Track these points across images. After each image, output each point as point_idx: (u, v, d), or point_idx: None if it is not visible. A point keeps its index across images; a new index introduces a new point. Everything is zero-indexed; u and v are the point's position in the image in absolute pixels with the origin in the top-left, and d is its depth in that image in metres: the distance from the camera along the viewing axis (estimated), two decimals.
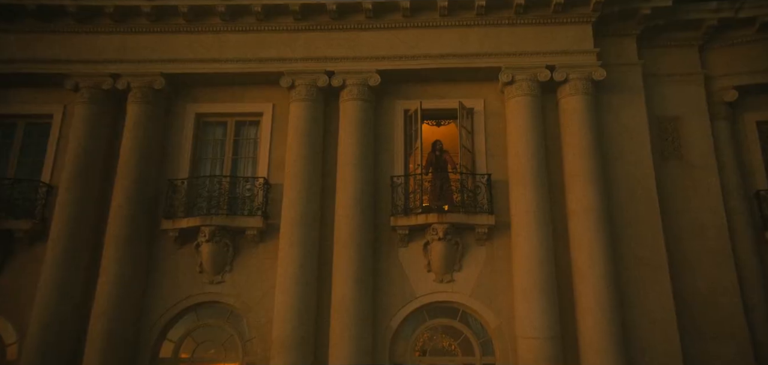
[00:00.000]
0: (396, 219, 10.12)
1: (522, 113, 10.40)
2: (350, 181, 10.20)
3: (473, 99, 10.99)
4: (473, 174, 10.41)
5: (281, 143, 10.87)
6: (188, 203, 10.44)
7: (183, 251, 10.34)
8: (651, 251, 9.81)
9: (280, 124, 11.05)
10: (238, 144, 11.30)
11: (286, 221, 10.08)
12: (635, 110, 10.55)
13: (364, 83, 10.74)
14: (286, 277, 9.74)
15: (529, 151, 10.14)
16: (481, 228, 10.03)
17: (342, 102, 10.86)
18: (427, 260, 10.13)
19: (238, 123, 11.36)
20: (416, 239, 10.22)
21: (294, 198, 10.16)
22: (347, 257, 9.80)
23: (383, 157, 10.75)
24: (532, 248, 9.63)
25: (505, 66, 10.59)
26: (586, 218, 9.67)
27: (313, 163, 10.44)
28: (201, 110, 11.28)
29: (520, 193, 10.02)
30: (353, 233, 9.90)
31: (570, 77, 10.44)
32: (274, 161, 10.82)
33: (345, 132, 10.58)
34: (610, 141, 10.44)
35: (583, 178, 9.91)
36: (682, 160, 10.63)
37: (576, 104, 10.34)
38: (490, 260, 10.11)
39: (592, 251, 9.48)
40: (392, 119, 11.01)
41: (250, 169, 11.09)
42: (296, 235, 9.94)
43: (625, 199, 10.10)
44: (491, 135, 10.79)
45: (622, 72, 10.77)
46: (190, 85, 11.29)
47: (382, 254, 10.21)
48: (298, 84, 10.82)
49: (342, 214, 10.08)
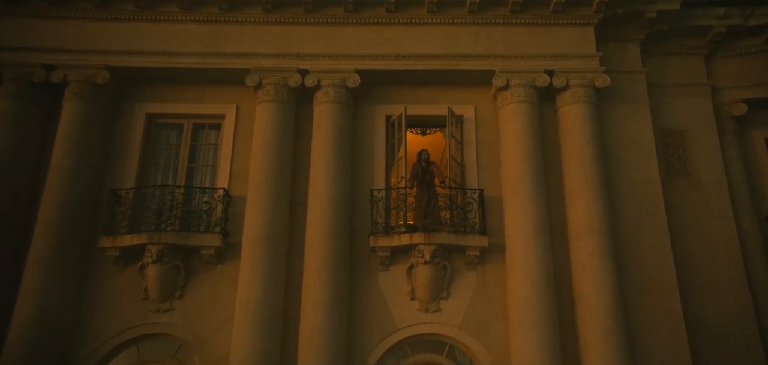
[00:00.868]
0: (376, 239, 8.87)
1: (518, 121, 9.34)
2: (324, 195, 8.93)
3: (463, 106, 9.89)
4: (464, 189, 9.26)
5: (245, 150, 9.52)
6: (133, 218, 8.94)
7: (125, 274, 8.80)
8: (660, 277, 8.79)
9: (244, 128, 9.73)
10: (195, 150, 9.91)
11: (249, 239, 8.72)
12: (640, 122, 9.60)
13: (341, 84, 9.51)
14: (247, 305, 8.35)
15: (526, 164, 9.06)
16: (472, 250, 8.87)
17: (316, 105, 9.60)
18: (411, 286, 8.89)
19: (195, 126, 9.96)
20: (399, 261, 8.98)
21: (258, 213, 8.82)
22: (319, 282, 8.49)
23: (362, 168, 9.52)
24: (530, 273, 8.51)
25: (500, 69, 9.53)
26: (591, 241, 8.60)
27: (281, 173, 9.13)
28: (153, 110, 9.85)
29: (515, 211, 8.91)
30: (326, 254, 8.62)
31: (571, 84, 9.44)
32: (237, 170, 9.48)
33: (319, 139, 9.31)
34: (613, 155, 9.46)
35: (586, 196, 8.86)
36: (689, 178, 9.72)
37: (577, 113, 9.33)
38: (482, 287, 8.93)
39: (598, 279, 8.39)
40: (373, 126, 9.82)
41: (208, 179, 9.70)
42: (260, 256, 8.59)
43: (631, 220, 9.08)
44: (483, 146, 9.69)
45: (626, 80, 9.84)
46: (141, 81, 9.85)
47: (359, 279, 8.95)
48: (266, 83, 9.51)
49: (314, 232, 8.78)
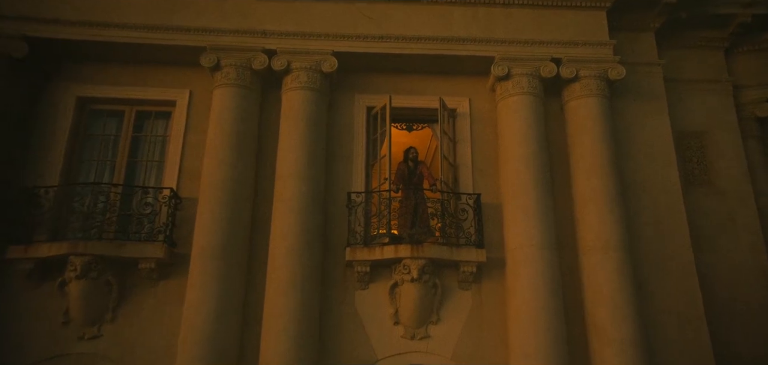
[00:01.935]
0: (353, 251, 7.44)
1: (520, 115, 8.03)
2: (292, 198, 7.45)
3: (456, 98, 8.55)
4: (457, 194, 7.89)
5: (199, 143, 7.98)
6: (55, 223, 7.32)
7: (41, 292, 7.14)
8: (685, 302, 7.57)
9: (198, 118, 8.20)
10: (138, 143, 8.32)
11: (200, 250, 7.19)
12: (658, 122, 8.40)
13: (315, 68, 8.05)
14: (195, 330, 6.82)
15: (530, 165, 7.76)
16: (467, 266, 7.51)
17: (285, 92, 8.12)
18: (395, 308, 7.48)
19: (140, 114, 8.36)
20: (380, 278, 7.56)
21: (212, 219, 7.30)
22: (284, 303, 7.02)
23: (339, 167, 8.10)
24: (535, 295, 7.19)
25: (500, 56, 8.22)
26: (607, 259, 7.32)
27: (242, 171, 7.63)
28: (85, 93, 8.20)
29: (517, 221, 7.59)
30: (294, 270, 7.15)
31: (581, 75, 8.18)
32: (189, 167, 7.94)
33: (288, 132, 7.84)
34: (627, 159, 8.22)
35: (599, 205, 7.59)
36: (710, 186, 8.57)
37: (589, 108, 8.08)
38: (478, 310, 7.57)
39: (617, 304, 7.11)
40: (351, 119, 8.39)
41: (153, 177, 8.13)
42: (212, 271, 7.06)
43: (650, 234, 7.85)
44: (479, 144, 8.36)
45: (640, 73, 8.63)
46: (72, 59, 8.20)
47: (332, 300, 7.50)
48: (225, 64, 8.00)
49: (279, 243, 7.30)
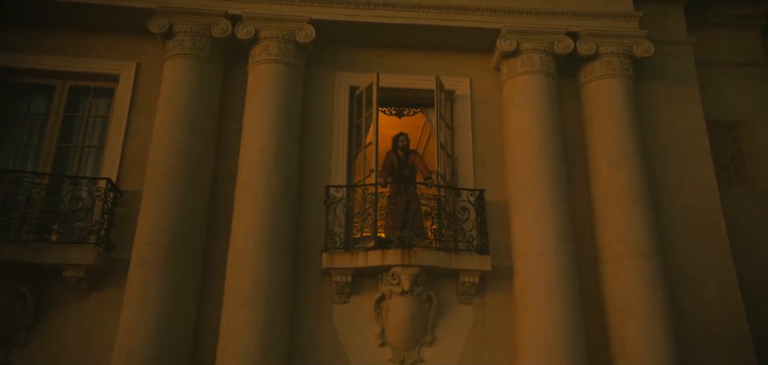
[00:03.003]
0: (332, 257, 6.12)
1: (530, 98, 6.79)
2: (258, 192, 6.13)
3: (455, 77, 7.29)
4: (457, 189, 6.62)
5: (147, 126, 6.63)
6: None
7: None
8: (725, 318, 6.38)
9: (147, 96, 6.86)
10: (72, 124, 6.93)
11: (141, 255, 5.84)
12: (689, 109, 7.22)
13: (289, 38, 6.74)
14: (131, 357, 5.48)
15: (543, 156, 6.53)
16: (468, 276, 6.25)
17: (252, 65, 6.80)
18: (381, 326, 6.19)
19: (74, 90, 6.99)
20: (364, 290, 6.28)
21: (158, 217, 5.96)
22: (245, 320, 5.70)
23: (315, 156, 6.81)
24: (550, 310, 5.97)
25: (507, 28, 6.98)
26: (636, 268, 6.10)
27: (197, 159, 6.31)
28: (7, 63, 6.80)
29: (528, 222, 6.36)
30: (258, 277, 5.84)
31: (601, 51, 6.97)
32: (133, 154, 6.61)
33: (254, 112, 6.52)
34: (654, 152, 7.03)
35: (624, 204, 6.37)
36: (747, 184, 7.43)
37: (611, 90, 6.87)
38: (481, 328, 6.31)
39: (648, 320, 5.90)
40: (332, 100, 7.10)
41: (89, 165, 6.78)
42: (156, 280, 5.73)
43: (683, 239, 6.64)
44: (481, 132, 7.11)
45: (668, 53, 7.45)
46: None
47: (305, 315, 6.21)
48: (179, 31, 6.66)
49: (240, 246, 5.97)
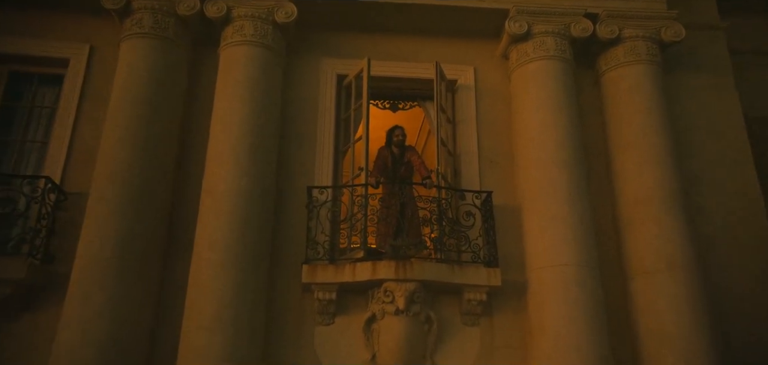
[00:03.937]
0: (314, 270, 5.20)
1: (545, 87, 5.93)
2: (227, 192, 5.22)
3: (457, 66, 6.42)
4: (460, 191, 5.71)
5: (101, 118, 5.68)
6: None
7: None
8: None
9: (101, 83, 6.01)
10: (13, 116, 6.04)
11: (82, 269, 4.93)
12: (726, 101, 6.39)
13: (266, 17, 5.87)
14: None
15: (560, 153, 5.64)
16: (474, 293, 5.34)
17: (224, 48, 5.91)
18: (372, 351, 5.27)
19: (16, 77, 6.14)
20: (352, 309, 5.37)
21: (107, 222, 5.04)
22: (208, 342, 4.76)
23: (296, 153, 5.93)
24: (570, 332, 5.06)
25: (516, 8, 6.13)
26: (672, 282, 5.21)
27: (156, 156, 5.41)
28: None
29: (544, 229, 5.47)
30: (224, 292, 4.94)
31: (625, 35, 6.12)
32: (82, 150, 5.75)
33: (225, 101, 5.62)
34: (686, 148, 6.17)
35: (658, 208, 5.49)
36: None
37: (637, 78, 6.01)
38: (489, 354, 5.39)
39: (687, 345, 4.98)
40: (316, 89, 6.23)
41: (32, 162, 5.84)
42: (102, 299, 4.81)
43: (723, 249, 5.76)
44: (487, 127, 6.23)
45: (699, 40, 6.62)
46: None
47: (282, 339, 5.32)
48: (138, 7, 5.79)
49: (205, 255, 5.06)
